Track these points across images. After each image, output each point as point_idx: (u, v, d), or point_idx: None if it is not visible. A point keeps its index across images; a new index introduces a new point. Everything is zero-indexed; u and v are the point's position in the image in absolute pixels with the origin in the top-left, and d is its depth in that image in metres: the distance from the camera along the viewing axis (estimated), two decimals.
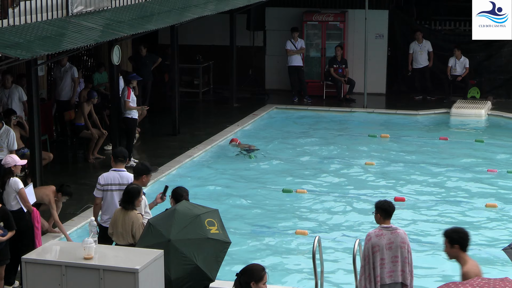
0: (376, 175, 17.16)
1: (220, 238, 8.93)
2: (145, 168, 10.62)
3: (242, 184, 16.50)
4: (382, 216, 9.57)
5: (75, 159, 18.23)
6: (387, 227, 9.53)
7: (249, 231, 14.01)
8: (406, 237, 9.58)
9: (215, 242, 8.85)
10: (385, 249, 9.45)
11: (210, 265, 8.73)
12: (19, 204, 11.16)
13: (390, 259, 9.48)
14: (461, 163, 18.01)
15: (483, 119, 22.12)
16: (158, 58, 22.03)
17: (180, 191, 10.09)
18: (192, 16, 18.34)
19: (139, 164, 10.71)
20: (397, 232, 9.53)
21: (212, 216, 9.08)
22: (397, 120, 22.17)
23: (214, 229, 8.92)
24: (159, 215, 9.31)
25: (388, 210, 9.56)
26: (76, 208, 14.32)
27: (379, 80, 24.76)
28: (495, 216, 14.78)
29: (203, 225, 8.87)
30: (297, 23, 24.75)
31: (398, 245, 9.49)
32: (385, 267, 9.49)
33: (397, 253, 9.49)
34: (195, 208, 9.16)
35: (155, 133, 20.11)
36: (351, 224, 14.39)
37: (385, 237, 9.47)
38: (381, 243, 9.44)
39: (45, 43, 12.83)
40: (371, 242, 9.47)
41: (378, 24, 24.41)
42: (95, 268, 7.91)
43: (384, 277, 9.50)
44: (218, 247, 8.90)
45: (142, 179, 10.61)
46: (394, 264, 9.50)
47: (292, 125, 21.60)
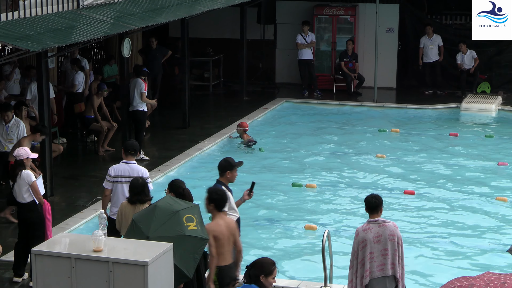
0: (386, 169, 17.13)
1: (197, 234, 8.84)
2: (227, 164, 10.34)
3: (250, 178, 16.46)
4: (368, 210, 9.62)
5: (84, 151, 18.27)
6: (374, 221, 9.53)
7: (258, 224, 14.01)
8: (396, 230, 9.54)
9: (192, 239, 8.77)
10: (373, 243, 9.44)
11: (187, 263, 8.67)
12: (31, 197, 11.18)
13: (379, 253, 9.47)
14: (471, 157, 17.97)
15: (494, 114, 22.06)
16: (168, 51, 22.02)
17: (179, 183, 9.98)
18: (202, 9, 18.33)
19: (222, 160, 10.41)
20: (385, 225, 9.51)
21: (191, 212, 8.97)
22: (407, 114, 22.12)
23: (192, 226, 8.84)
24: (142, 211, 9.21)
25: (371, 204, 9.57)
26: (86, 201, 14.35)
27: (390, 74, 24.70)
28: (506, 209, 14.75)
29: (181, 222, 8.78)
30: (307, 16, 24.71)
31: (387, 238, 9.47)
32: (375, 261, 9.48)
33: (387, 246, 9.47)
34: (176, 204, 9.05)
35: (165, 126, 20.12)
36: (361, 217, 14.37)
37: (372, 230, 9.47)
38: (368, 237, 9.44)
39: (56, 35, 12.86)
40: (359, 236, 9.50)
41: (388, 18, 24.34)
42: (105, 261, 7.92)
43: (375, 271, 9.49)
44: (195, 244, 8.82)
45: (226, 175, 10.33)
46: (384, 258, 9.49)
47: (302, 119, 21.57)
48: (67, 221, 13.29)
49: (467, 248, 13.09)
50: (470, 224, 14.08)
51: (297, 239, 13.41)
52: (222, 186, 10.16)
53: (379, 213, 9.59)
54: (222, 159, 10.47)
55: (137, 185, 10.14)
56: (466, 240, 13.42)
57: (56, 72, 19.47)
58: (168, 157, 17.20)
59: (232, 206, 10.27)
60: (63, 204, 14.38)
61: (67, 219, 13.42)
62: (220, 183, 10.31)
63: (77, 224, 13.27)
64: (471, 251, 12.97)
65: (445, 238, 13.44)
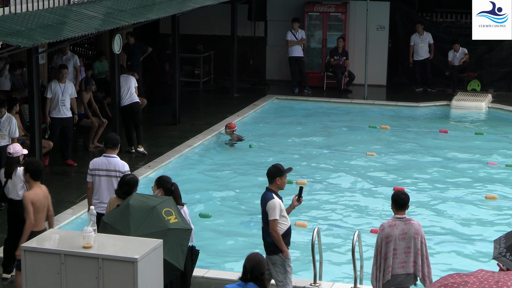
0: (376, 166, 17.17)
1: (180, 226, 8.80)
2: (277, 170, 10.03)
3: (240, 174, 16.51)
4: (395, 207, 9.60)
5: (75, 148, 18.22)
6: (401, 218, 9.55)
7: (247, 221, 14.03)
8: (420, 229, 9.58)
9: (176, 232, 8.72)
10: (398, 240, 9.47)
11: (176, 255, 8.63)
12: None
13: (402, 250, 9.51)
14: (461, 155, 18.02)
15: (484, 112, 22.13)
16: (147, 47, 21.73)
17: (166, 179, 9.90)
18: (193, 5, 18.32)
19: (271, 167, 10.10)
20: (411, 223, 9.54)
21: (167, 205, 8.91)
22: (398, 112, 22.17)
23: (173, 218, 8.78)
24: (112, 212, 9.10)
25: (399, 201, 9.55)
26: (76, 197, 14.34)
27: (380, 71, 24.76)
28: (495, 207, 14.80)
29: (161, 217, 8.72)
30: (298, 13, 24.72)
31: (412, 236, 9.50)
32: (397, 258, 9.51)
33: (410, 244, 9.51)
34: (149, 200, 8.98)
35: (156, 122, 20.10)
36: (351, 214, 14.41)
37: (398, 227, 9.49)
38: (394, 233, 9.47)
39: (46, 31, 12.84)
40: (384, 232, 9.50)
41: (379, 16, 24.38)
42: (94, 257, 7.90)
43: (396, 267, 9.53)
44: (181, 236, 8.77)
45: (276, 182, 9.99)
46: (406, 255, 9.53)
47: (292, 116, 21.59)
48: (56, 217, 13.22)
49: (457, 246, 13.14)
50: (460, 222, 14.13)
51: None
52: (273, 194, 9.89)
53: (405, 211, 9.61)
54: (271, 166, 10.10)
55: (131, 181, 10.13)
56: (456, 238, 13.47)
57: (46, 68, 19.41)
58: (158, 154, 17.20)
59: (283, 214, 9.95)
60: (53, 200, 14.23)
61: (57, 215, 13.35)
62: (270, 191, 9.95)
63: (66, 220, 13.26)
64: (462, 249, 13.02)
65: (435, 235, 13.48)
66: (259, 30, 25.49)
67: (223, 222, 13.95)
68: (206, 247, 12.02)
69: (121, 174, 11.23)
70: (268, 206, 9.81)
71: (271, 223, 9.80)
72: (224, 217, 14.16)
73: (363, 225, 13.73)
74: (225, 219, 14.11)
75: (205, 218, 13.82)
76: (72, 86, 16.65)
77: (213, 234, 13.31)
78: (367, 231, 13.21)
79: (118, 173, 11.29)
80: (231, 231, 13.65)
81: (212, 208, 14.43)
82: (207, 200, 14.88)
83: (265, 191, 10.04)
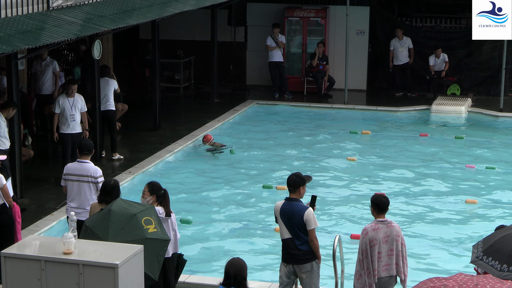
0: (357, 171, 17.20)
1: (158, 236, 8.80)
2: (301, 180, 10.08)
3: (222, 180, 16.49)
4: (376, 210, 9.65)
5: (55, 154, 18.14)
6: (383, 221, 9.61)
7: (229, 227, 14.00)
8: (400, 231, 9.68)
9: (154, 242, 8.72)
10: (382, 243, 9.53)
11: (152, 266, 8.62)
12: (1, 199, 11.10)
13: (386, 253, 9.58)
14: (441, 159, 18.10)
15: (463, 116, 22.23)
16: None
17: (159, 185, 9.94)
18: (173, 11, 18.29)
19: (293, 176, 10.15)
20: (392, 226, 9.63)
21: (148, 213, 8.92)
22: (378, 116, 22.23)
23: (152, 228, 8.79)
24: (95, 216, 9.11)
25: (380, 204, 9.61)
26: (56, 203, 14.27)
27: (360, 76, 24.83)
28: (475, 212, 14.86)
29: (140, 225, 8.73)
30: (278, 19, 24.75)
31: (394, 238, 9.58)
32: (382, 261, 9.58)
33: (393, 247, 9.59)
34: (131, 207, 8.98)
35: (136, 128, 20.05)
36: (331, 219, 14.42)
37: (381, 230, 9.55)
38: (378, 236, 9.52)
39: (26, 37, 12.77)
40: (368, 236, 9.53)
41: (359, 21, 24.45)
42: (75, 263, 7.88)
43: (381, 270, 9.59)
44: (158, 246, 8.78)
45: (299, 190, 10.05)
46: (389, 258, 9.60)
47: (273, 121, 21.60)
48: (37, 223, 13.21)
49: (437, 250, 13.18)
50: (440, 226, 14.17)
51: (268, 241, 13.40)
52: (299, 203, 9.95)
53: (385, 214, 9.67)
54: (292, 175, 10.13)
55: (107, 186, 10.14)
56: (436, 242, 13.51)
57: (26, 74, 19.33)
58: (138, 159, 17.16)
59: None
60: (33, 206, 14.28)
61: (37, 221, 13.34)
62: (297, 200, 9.99)
63: (47, 226, 13.18)
64: (441, 253, 13.06)
65: (415, 239, 13.51)
66: (239, 36, 25.50)
67: (204, 228, 13.92)
68: (186, 252, 11.98)
69: (94, 180, 11.30)
70: (307, 216, 9.84)
71: (311, 232, 9.87)
72: (205, 223, 14.13)
73: (342, 230, 13.73)
74: (207, 224, 14.08)
75: (186, 224, 13.79)
76: (82, 99, 15.90)
77: (194, 239, 13.28)
78: (347, 236, 13.23)
79: (90, 179, 11.36)
80: (212, 236, 13.62)
81: (193, 214, 14.40)
82: (188, 206, 14.84)
83: (290, 201, 10.00)
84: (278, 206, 10.05)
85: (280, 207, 10.00)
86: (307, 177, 10.27)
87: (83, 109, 15.89)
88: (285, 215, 9.93)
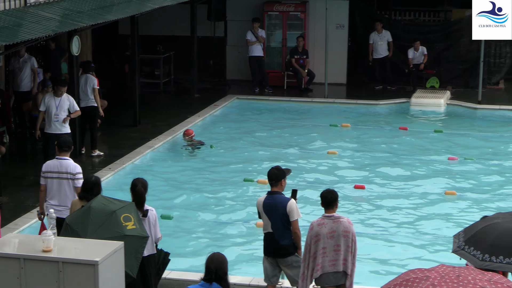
0: (337, 164, 17.23)
1: (137, 233, 8.79)
2: (281, 173, 10.18)
3: (201, 176, 16.47)
4: (323, 205, 9.66)
5: (34, 151, 18.06)
6: (329, 216, 9.59)
7: (210, 222, 14.00)
8: (350, 226, 9.60)
9: (132, 238, 8.71)
10: (327, 238, 9.50)
11: (130, 262, 8.60)
12: None
13: (332, 248, 9.53)
14: (421, 151, 18.17)
15: (442, 109, 22.33)
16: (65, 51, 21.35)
17: (137, 182, 9.77)
18: (152, 6, 18.24)
19: (274, 169, 10.22)
20: (340, 221, 9.56)
21: (128, 210, 8.91)
22: (358, 109, 22.28)
23: (131, 225, 8.78)
24: (75, 213, 9.10)
25: (327, 199, 9.61)
26: (35, 201, 14.18)
27: (340, 70, 24.85)
28: (454, 203, 14.92)
29: (119, 222, 8.73)
30: (258, 13, 24.73)
31: (340, 234, 9.52)
32: (327, 256, 9.55)
33: (340, 242, 9.53)
34: (111, 204, 8.97)
35: (116, 124, 19.97)
36: (311, 213, 14.43)
37: (326, 226, 9.53)
38: (322, 232, 9.51)
39: (3, 33, 12.69)
40: (313, 231, 9.55)
41: (338, 15, 24.47)
42: (54, 261, 7.84)
43: (326, 266, 9.57)
44: (136, 243, 8.77)
45: (281, 183, 10.15)
46: (336, 253, 9.56)
47: (253, 116, 21.60)
48: (16, 221, 13.14)
49: (418, 242, 13.23)
50: (420, 218, 14.23)
51: (249, 235, 13.41)
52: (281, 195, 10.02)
53: (334, 209, 9.63)
54: (273, 169, 10.20)
55: (88, 182, 10.10)
56: (416, 233, 13.56)
57: (3, 71, 19.23)
58: (119, 155, 17.11)
59: None
60: (11, 204, 14.21)
61: (16, 220, 13.27)
62: (279, 193, 10.07)
63: (26, 224, 13.12)
64: (422, 245, 13.10)
65: (396, 232, 13.57)
66: (219, 30, 25.45)
67: (184, 223, 13.91)
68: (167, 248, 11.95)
69: (72, 176, 11.22)
70: (290, 208, 9.91)
71: (295, 223, 9.94)
72: (186, 218, 14.12)
73: None
74: (187, 220, 14.07)
75: (167, 219, 13.76)
76: (71, 100, 15.41)
77: (175, 235, 13.26)
78: None
79: (69, 175, 11.29)
80: (193, 231, 13.60)
81: (174, 210, 14.37)
82: (169, 201, 14.81)
83: (272, 194, 10.07)
84: (261, 201, 10.08)
85: (262, 201, 10.05)
86: (287, 170, 10.37)
87: (73, 109, 15.46)
88: (268, 208, 9.98)
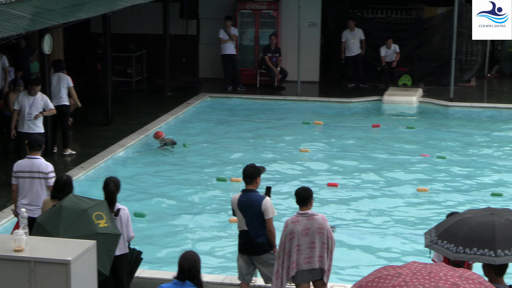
0: (310, 162, 17.28)
1: (109, 231, 8.80)
2: (257, 170, 10.20)
3: (175, 174, 16.45)
4: (298, 203, 9.69)
5: (5, 150, 17.94)
6: (303, 214, 9.62)
7: (183, 220, 13.98)
8: (325, 223, 9.62)
9: (105, 236, 8.71)
10: (301, 235, 9.53)
11: (102, 260, 8.59)
12: None
13: (307, 245, 9.56)
14: (393, 149, 18.25)
15: (414, 106, 22.46)
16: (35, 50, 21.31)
17: (109, 180, 9.73)
18: (124, 4, 18.18)
19: (249, 167, 10.22)
20: (314, 218, 9.60)
21: (99, 208, 8.91)
22: (331, 107, 22.34)
23: (103, 223, 8.78)
24: (47, 213, 9.08)
25: (301, 197, 9.64)
26: (6, 200, 14.11)
27: (313, 68, 24.90)
28: (426, 200, 15.00)
29: (91, 220, 8.72)
30: (230, 11, 24.73)
31: (315, 231, 9.56)
32: (302, 253, 9.57)
33: (314, 239, 9.56)
34: (82, 202, 8.97)
35: (88, 123, 19.89)
36: (285, 210, 14.46)
37: (301, 223, 9.56)
38: (296, 229, 9.53)
39: None
40: (288, 228, 9.58)
41: (311, 13, 24.52)
42: (26, 260, 7.81)
43: (301, 263, 9.60)
44: (109, 241, 8.77)
45: (256, 181, 10.19)
46: (311, 250, 9.58)
47: (226, 114, 21.60)
48: None
49: (390, 238, 13.29)
50: (393, 215, 14.30)
51: (223, 232, 13.41)
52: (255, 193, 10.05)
53: (308, 206, 9.66)
54: (248, 167, 10.20)
55: (59, 181, 10.08)
56: (389, 230, 13.63)
57: None
58: (91, 154, 17.04)
59: None
60: None
61: None
62: (254, 191, 10.09)
63: None
64: (394, 241, 13.17)
65: (369, 228, 13.63)
66: (191, 29, 25.43)
67: (157, 222, 13.88)
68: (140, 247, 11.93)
69: (45, 176, 11.18)
70: (265, 205, 9.93)
71: (269, 221, 9.95)
72: (158, 217, 14.09)
73: None
74: (160, 218, 14.04)
75: (140, 217, 13.74)
76: (45, 99, 15.36)
77: (148, 233, 13.22)
78: None
79: (41, 175, 11.24)
80: (165, 230, 13.58)
81: (147, 208, 14.34)
82: (142, 200, 14.78)
83: (247, 192, 10.09)
84: (235, 198, 10.09)
85: (237, 199, 10.06)
86: (262, 168, 10.40)
87: (47, 107, 15.39)
88: (243, 206, 10.00)
